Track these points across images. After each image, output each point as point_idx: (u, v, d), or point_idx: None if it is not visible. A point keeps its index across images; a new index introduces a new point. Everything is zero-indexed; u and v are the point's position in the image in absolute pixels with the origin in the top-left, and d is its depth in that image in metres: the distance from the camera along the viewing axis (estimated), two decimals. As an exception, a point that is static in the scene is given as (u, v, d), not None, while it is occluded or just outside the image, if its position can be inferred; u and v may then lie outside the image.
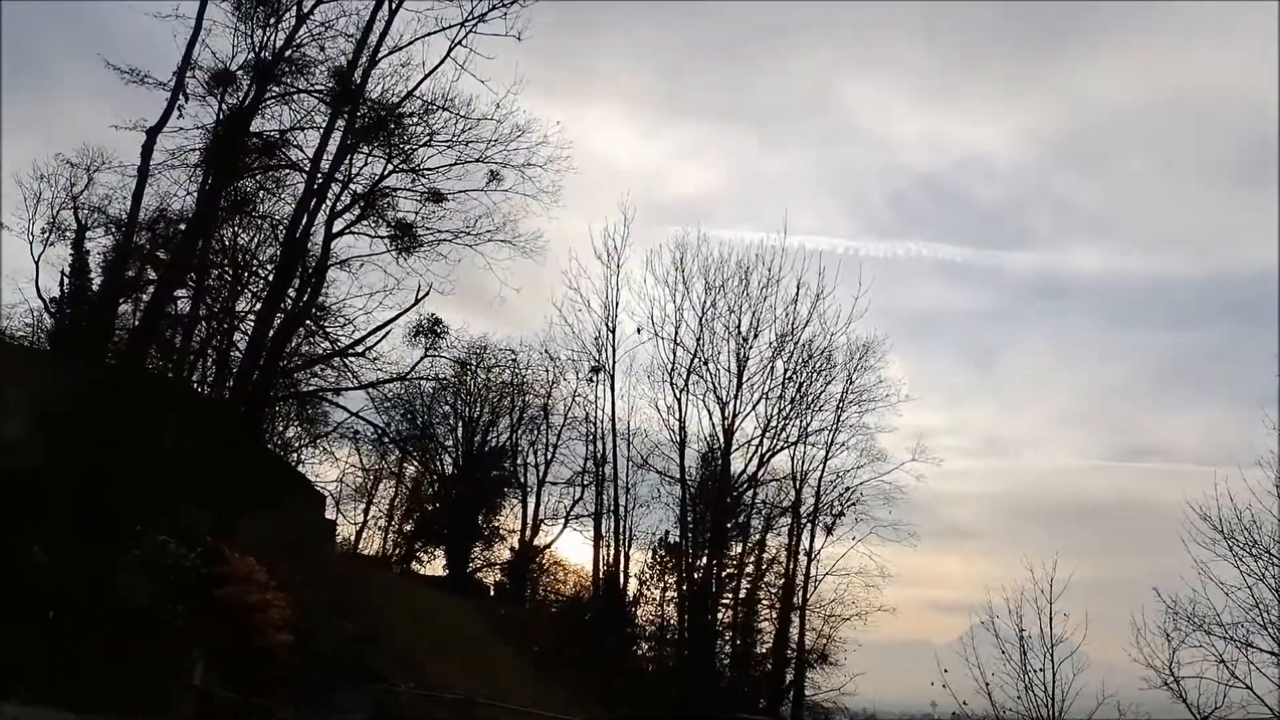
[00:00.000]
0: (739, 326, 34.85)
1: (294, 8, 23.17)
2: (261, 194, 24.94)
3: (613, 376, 35.64)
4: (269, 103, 23.63)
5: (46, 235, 26.55)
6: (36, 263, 26.42)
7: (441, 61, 23.37)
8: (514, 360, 37.00)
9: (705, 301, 35.00)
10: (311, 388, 26.76)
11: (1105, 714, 17.63)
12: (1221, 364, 72.58)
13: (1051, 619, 17.93)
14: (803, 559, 35.41)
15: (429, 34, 23.22)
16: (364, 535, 37.24)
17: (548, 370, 37.07)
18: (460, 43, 23.12)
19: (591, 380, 36.13)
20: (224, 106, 23.33)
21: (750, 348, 34.85)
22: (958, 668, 18.46)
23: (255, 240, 25.72)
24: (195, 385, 25.29)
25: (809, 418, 35.15)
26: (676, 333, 35.04)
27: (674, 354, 35.02)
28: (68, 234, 26.49)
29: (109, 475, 15.51)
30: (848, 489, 35.19)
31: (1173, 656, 16.65)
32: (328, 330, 25.20)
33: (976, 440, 69.63)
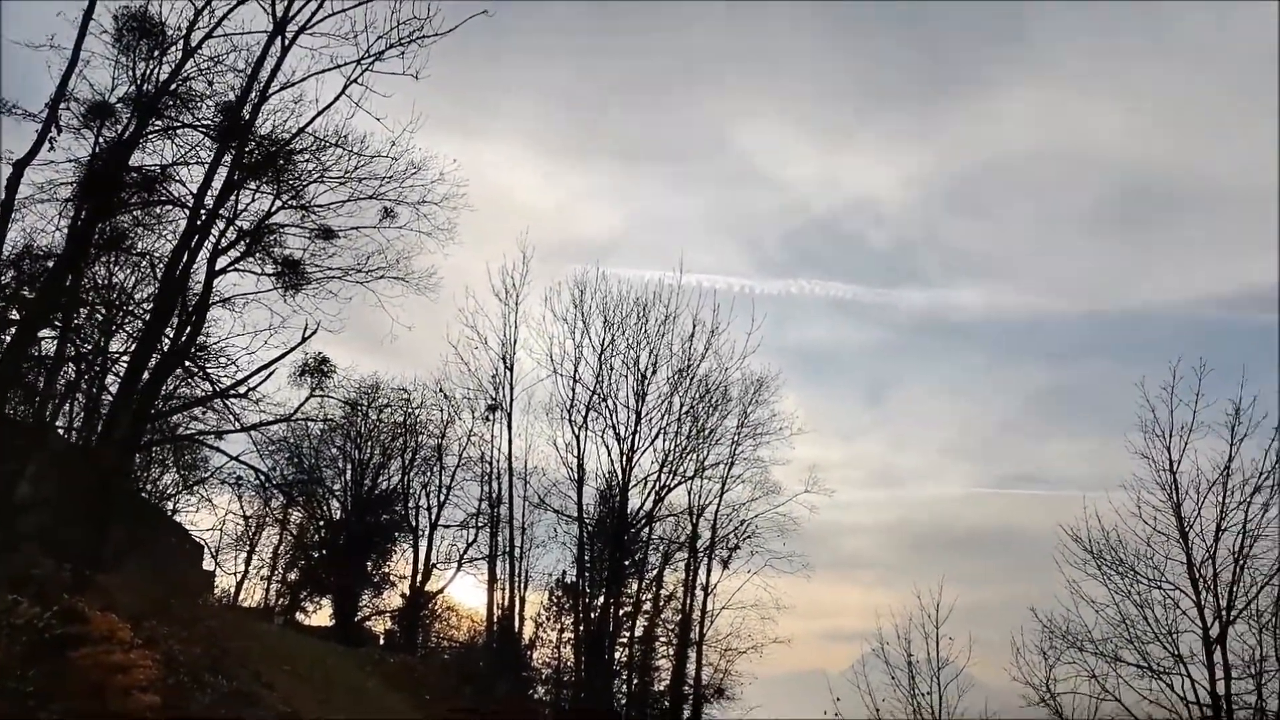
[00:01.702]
0: (637, 362, 34.95)
1: (180, 41, 22.20)
2: (139, 230, 23.63)
3: (510, 415, 35.14)
4: (150, 137, 22.51)
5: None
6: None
7: (336, 99, 22.71)
8: (406, 400, 36.17)
9: (604, 338, 35.07)
10: (190, 431, 25.33)
11: (988, 733, 18.09)
12: (1094, 396, 76.98)
13: (938, 643, 18.46)
14: (699, 594, 35.55)
15: (323, 71, 22.55)
16: (245, 586, 35.64)
17: (442, 409, 36.37)
18: (356, 80, 22.51)
19: (488, 419, 35.65)
20: (101, 139, 22.13)
21: (649, 384, 35.01)
22: (851, 695, 18.69)
23: (132, 279, 24.37)
24: (60, 430, 23.51)
25: (705, 452, 35.50)
26: (575, 369, 34.92)
27: (573, 391, 34.83)
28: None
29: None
30: (743, 522, 35.63)
31: (1049, 674, 17.34)
32: (208, 371, 23.91)
33: (869, 472, 71.44)
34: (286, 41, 22.37)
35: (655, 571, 35.96)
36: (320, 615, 36.42)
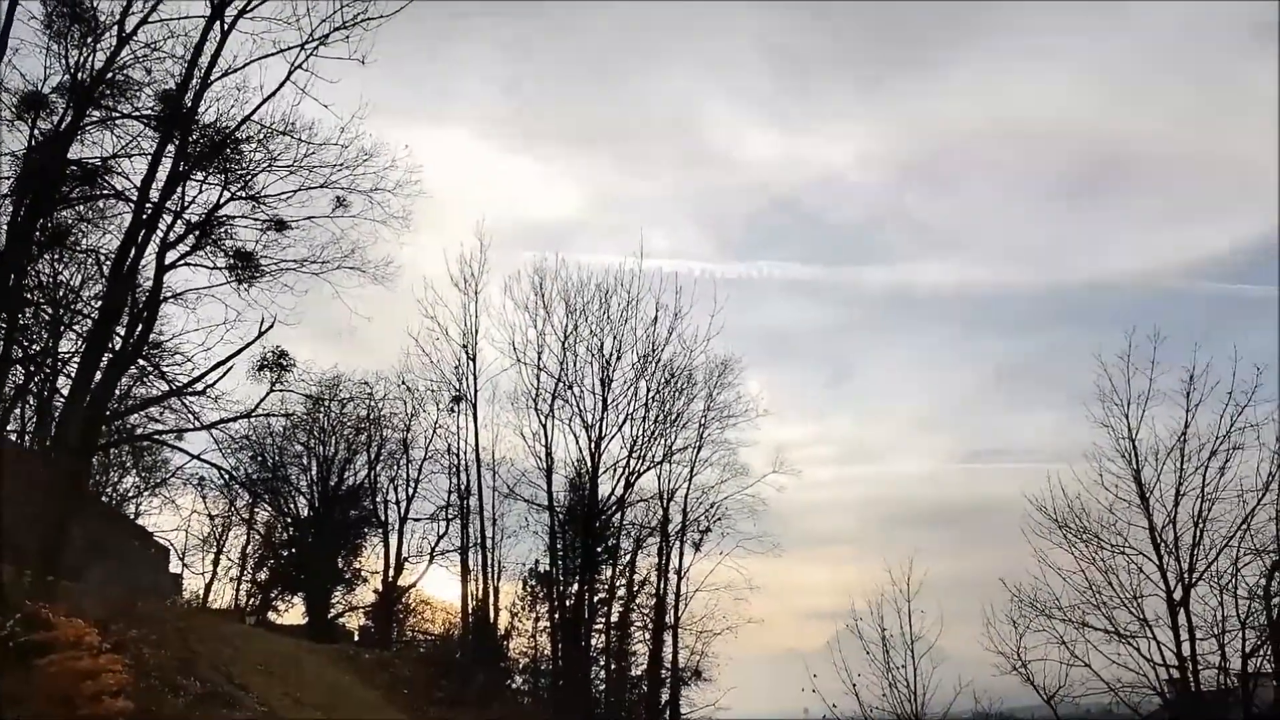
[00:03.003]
0: (601, 349, 35.01)
1: (115, 27, 21.68)
2: (83, 226, 23.22)
3: (475, 405, 35.08)
4: (88, 128, 22.01)
5: None
6: None
7: (281, 85, 22.39)
8: (369, 393, 35.92)
9: (567, 326, 35.04)
10: (148, 431, 25.05)
11: (963, 703, 18.59)
12: (1055, 367, 78.61)
13: (910, 618, 18.89)
14: (673, 577, 35.80)
15: (266, 56, 22.19)
16: (214, 587, 35.36)
17: (406, 402, 36.16)
18: (300, 66, 22.17)
19: (453, 410, 35.54)
20: (36, 132, 21.63)
21: (614, 370, 35.09)
22: (827, 672, 19.07)
23: (78, 277, 23.95)
24: (12, 435, 23.13)
25: (673, 436, 35.71)
26: (539, 358, 34.91)
27: (538, 380, 34.83)
28: None
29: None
30: (713, 505, 35.92)
31: (1020, 642, 17.79)
32: (163, 369, 23.66)
33: (838, 450, 72.35)
34: (226, 26, 21.94)
35: (628, 557, 36.28)
36: (292, 614, 36.34)
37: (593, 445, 34.72)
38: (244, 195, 23.75)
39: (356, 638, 35.90)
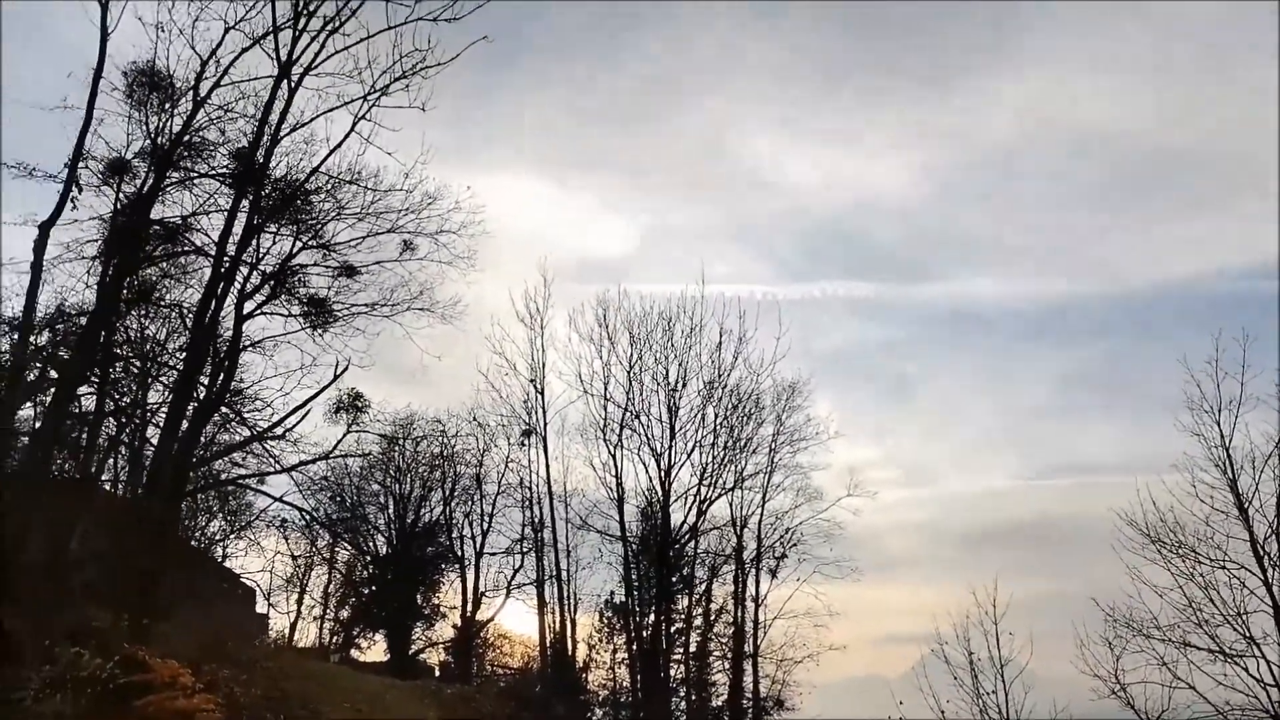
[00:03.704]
0: (667, 376, 35.09)
1: (190, 92, 22.85)
2: (166, 282, 24.31)
3: (545, 438, 35.45)
4: (169, 189, 23.05)
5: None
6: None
7: (346, 136, 23.20)
8: (442, 431, 36.58)
9: (632, 355, 35.23)
10: (232, 476, 25.93)
11: (1060, 729, 17.89)
12: (1121, 375, 76.17)
13: (999, 641, 18.33)
14: (750, 605, 35.42)
15: (331, 109, 23.08)
16: (299, 626, 36.00)
17: (477, 438, 36.73)
18: (364, 117, 23.01)
19: (523, 444, 35.94)
20: (121, 195, 22.78)
21: (680, 397, 35.09)
22: (913, 699, 18.61)
23: (163, 330, 25.05)
24: (106, 484, 24.21)
25: (743, 462, 35.42)
26: (606, 388, 35.14)
27: (605, 410, 35.05)
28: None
29: (9, 592, 14.57)
30: (787, 530, 35.56)
31: (1117, 664, 17.14)
32: (245, 415, 24.52)
33: (905, 470, 71.12)
34: (293, 84, 22.85)
35: (704, 586, 36.00)
36: (375, 651, 36.87)
37: (662, 474, 34.76)
38: (315, 244, 24.54)
39: (438, 673, 36.27)
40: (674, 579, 35.40)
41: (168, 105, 22.93)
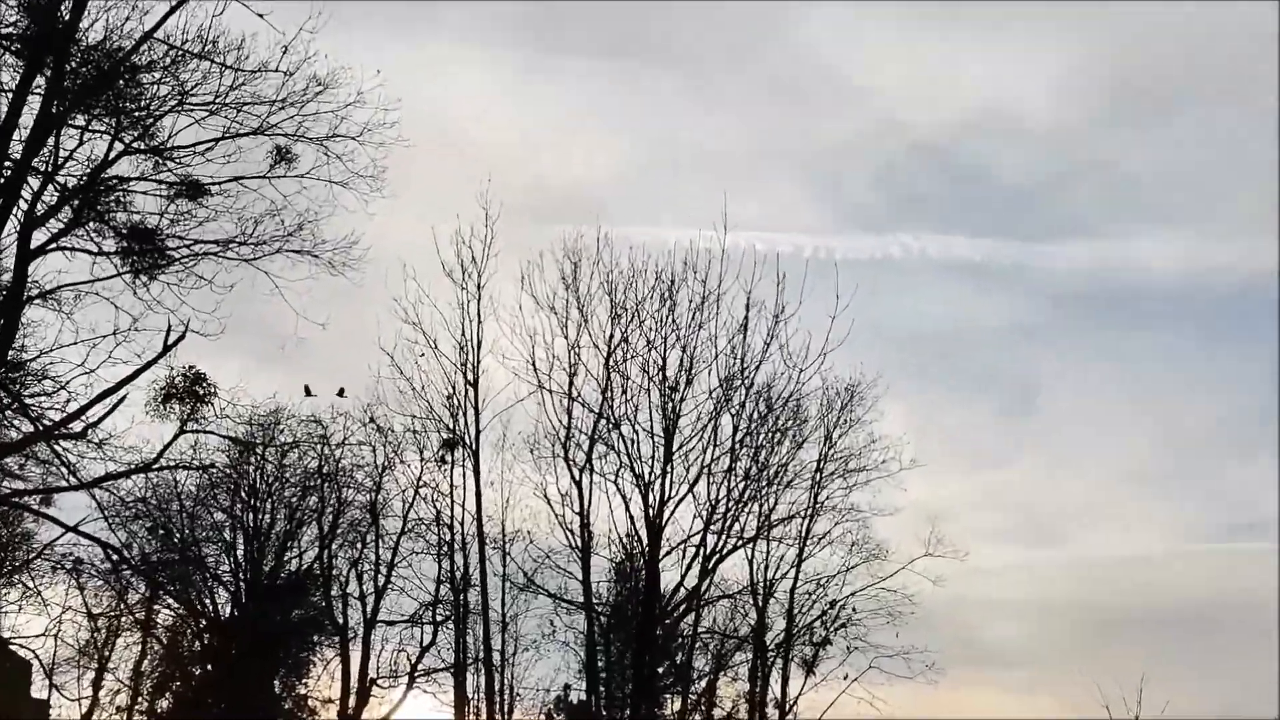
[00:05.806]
0: (663, 369, 34.79)
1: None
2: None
3: (476, 453, 35.06)
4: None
5: None
6: None
7: (198, -13, 23.02)
8: (322, 436, 36.50)
9: (612, 334, 34.78)
10: (4, 491, 25.71)
11: None
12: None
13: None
14: (773, 712, 35.44)
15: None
16: (94, 718, 35.93)
17: (375, 449, 36.59)
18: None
19: (444, 461, 35.63)
20: None
21: (682, 400, 34.72)
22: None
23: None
24: None
25: (772, 499, 35.21)
26: (572, 382, 34.75)
27: (569, 414, 34.68)
28: None
29: None
30: (833, 604, 35.63)
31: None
32: (26, 401, 24.18)
33: (1016, 521, 70.91)
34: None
35: (704, 681, 36.18)
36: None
37: (651, 512, 34.48)
38: (143, 147, 24.34)
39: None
40: (661, 669, 35.42)
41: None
